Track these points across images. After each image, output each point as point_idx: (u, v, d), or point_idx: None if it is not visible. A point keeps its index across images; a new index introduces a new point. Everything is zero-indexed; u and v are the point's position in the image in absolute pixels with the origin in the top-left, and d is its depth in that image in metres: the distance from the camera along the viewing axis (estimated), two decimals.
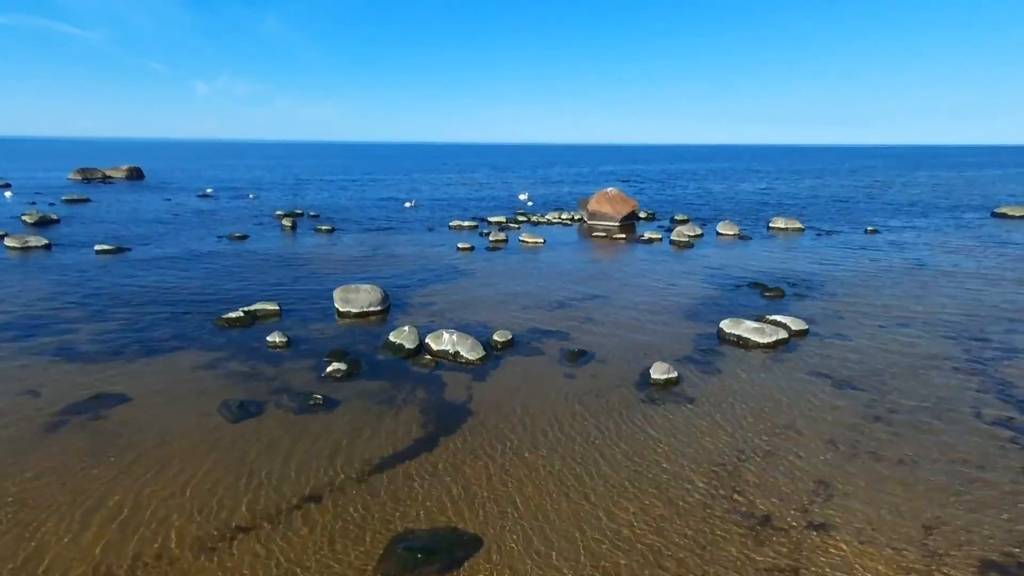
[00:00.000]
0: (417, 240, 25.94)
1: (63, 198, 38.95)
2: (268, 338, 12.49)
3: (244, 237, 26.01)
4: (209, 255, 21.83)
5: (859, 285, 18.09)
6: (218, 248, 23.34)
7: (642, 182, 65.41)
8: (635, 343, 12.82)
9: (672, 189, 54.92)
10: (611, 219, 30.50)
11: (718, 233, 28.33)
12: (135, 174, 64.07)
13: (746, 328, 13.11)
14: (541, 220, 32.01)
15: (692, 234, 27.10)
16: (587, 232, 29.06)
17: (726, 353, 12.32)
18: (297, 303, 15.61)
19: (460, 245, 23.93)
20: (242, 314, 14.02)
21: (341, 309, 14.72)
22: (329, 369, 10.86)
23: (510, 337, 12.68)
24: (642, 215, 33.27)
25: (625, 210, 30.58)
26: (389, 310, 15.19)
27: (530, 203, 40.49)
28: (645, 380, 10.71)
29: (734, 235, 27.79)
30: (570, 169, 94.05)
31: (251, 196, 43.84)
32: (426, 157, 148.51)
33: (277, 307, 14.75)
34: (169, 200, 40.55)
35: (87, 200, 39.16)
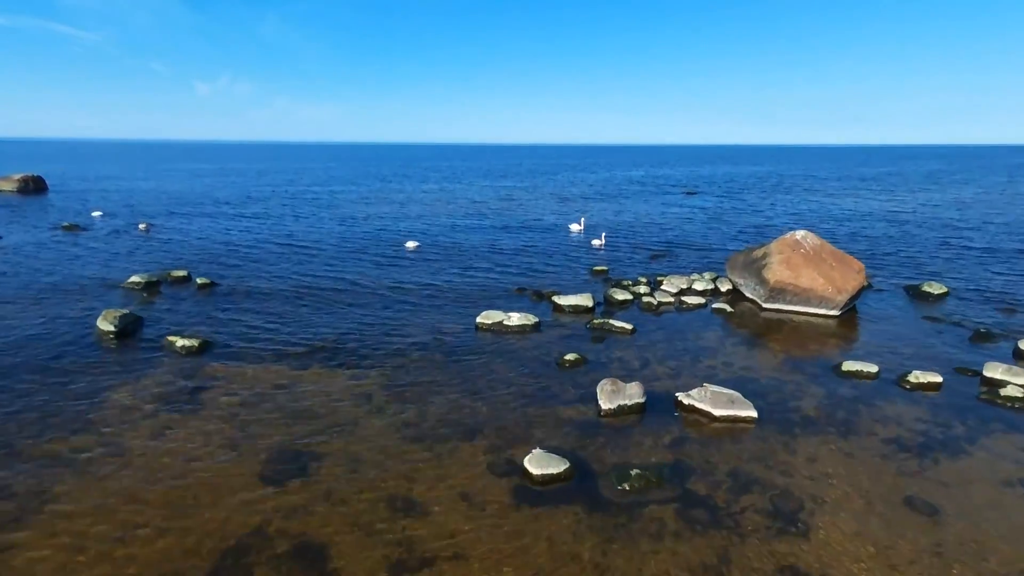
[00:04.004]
0: (412, 406, 9.63)
1: None
2: None
3: None
4: None
5: None
6: None
7: (692, 194, 49.21)
8: None
9: (754, 210, 38.46)
10: (824, 302, 14.23)
11: None
12: (32, 186, 47.69)
13: None
14: (663, 300, 15.57)
15: None
16: (791, 337, 12.86)
17: None
18: None
19: (537, 470, 7.53)
20: None
21: None
22: None
23: None
24: None
25: (851, 284, 14.31)
26: None
27: (600, 245, 24.19)
28: None
29: None
30: (583, 176, 75.91)
31: (142, 227, 27.49)
32: (406, 160, 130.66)
33: None
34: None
35: None
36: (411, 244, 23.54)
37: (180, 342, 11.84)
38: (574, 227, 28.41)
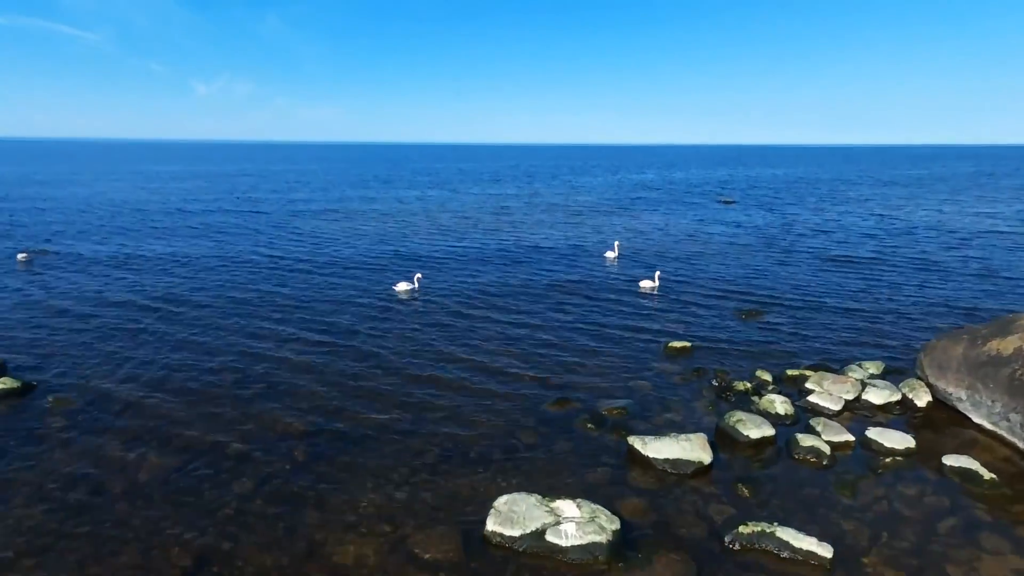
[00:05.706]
0: None
1: None
2: None
3: None
4: None
5: None
6: None
7: (729, 203, 42.22)
8: None
9: (816, 227, 30.97)
10: None
11: None
12: None
13: None
14: (835, 440, 8.41)
15: None
16: None
17: None
18: None
19: None
20: None
21: None
22: None
23: None
24: None
25: None
26: None
27: (652, 287, 17.02)
28: None
29: None
30: (586, 180, 67.40)
31: (22, 258, 20.30)
32: (396, 161, 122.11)
33: None
34: None
35: None
36: (403, 287, 16.31)
37: None
38: (609, 255, 21.33)
